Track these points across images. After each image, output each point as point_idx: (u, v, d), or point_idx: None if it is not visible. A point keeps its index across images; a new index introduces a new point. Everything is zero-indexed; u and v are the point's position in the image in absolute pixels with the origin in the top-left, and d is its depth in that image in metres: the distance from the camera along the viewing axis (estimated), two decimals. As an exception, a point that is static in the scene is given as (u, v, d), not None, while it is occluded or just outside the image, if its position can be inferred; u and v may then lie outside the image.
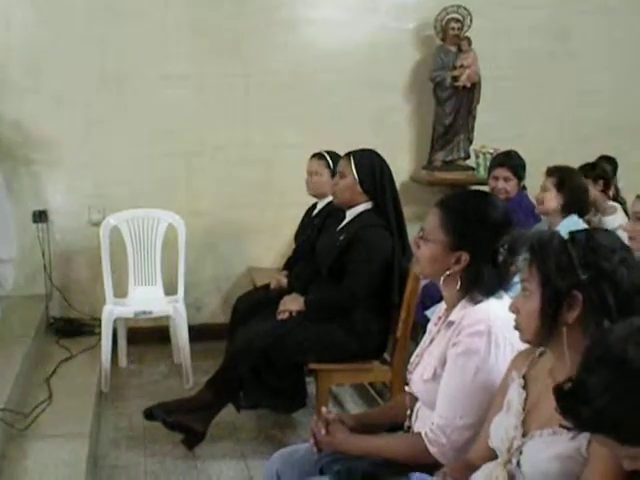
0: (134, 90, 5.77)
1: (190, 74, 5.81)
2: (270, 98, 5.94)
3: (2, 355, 4.62)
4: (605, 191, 5.39)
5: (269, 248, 6.06)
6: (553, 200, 4.55)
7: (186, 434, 4.27)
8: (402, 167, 6.05)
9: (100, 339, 5.22)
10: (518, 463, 2.09)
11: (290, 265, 5.11)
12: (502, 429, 2.17)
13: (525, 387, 2.19)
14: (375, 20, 6.04)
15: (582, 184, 4.66)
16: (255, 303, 4.81)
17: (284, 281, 4.86)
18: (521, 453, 2.08)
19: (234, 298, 5.22)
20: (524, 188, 5.22)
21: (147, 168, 5.81)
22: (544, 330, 2.07)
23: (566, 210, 4.53)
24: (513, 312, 2.16)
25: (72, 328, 5.69)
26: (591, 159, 5.54)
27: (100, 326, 5.24)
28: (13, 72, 5.62)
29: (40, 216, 5.71)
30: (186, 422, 4.21)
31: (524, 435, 2.11)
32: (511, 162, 5.22)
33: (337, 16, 5.99)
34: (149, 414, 4.27)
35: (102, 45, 5.70)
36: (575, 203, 4.56)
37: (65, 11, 5.63)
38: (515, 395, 2.19)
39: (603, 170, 5.39)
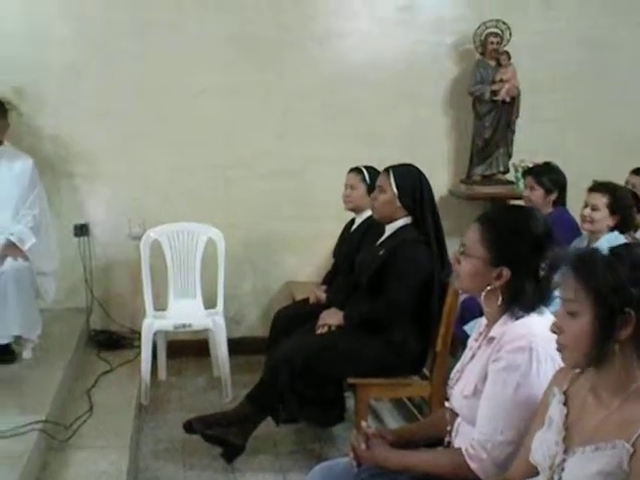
0: (172, 103, 5.81)
1: (226, 87, 5.83)
2: (306, 110, 5.96)
3: (44, 367, 4.69)
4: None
5: (308, 262, 6.07)
6: (606, 220, 4.50)
7: (225, 447, 4.28)
8: (441, 181, 6.04)
9: (140, 352, 5.26)
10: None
11: (329, 279, 5.12)
12: (544, 446, 2.15)
13: (566, 403, 2.18)
14: (412, 34, 6.04)
15: (632, 202, 4.61)
16: (294, 317, 4.82)
17: (323, 295, 4.87)
18: (563, 470, 2.07)
19: (273, 312, 5.24)
20: (563, 204, 5.19)
21: (186, 181, 5.86)
22: (596, 350, 2.04)
23: (617, 229, 4.50)
24: (556, 333, 2.14)
25: (112, 341, 5.74)
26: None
27: (140, 339, 5.28)
28: (53, 87, 5.70)
29: (81, 230, 5.79)
30: (225, 435, 4.23)
31: (566, 452, 2.09)
32: (537, 172, 5.21)
33: (373, 29, 5.99)
34: (188, 427, 4.30)
35: (139, 59, 5.75)
36: (627, 223, 4.53)
37: (103, 26, 5.71)
38: (556, 411, 2.17)
39: (633, 185, 5.32)
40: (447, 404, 2.75)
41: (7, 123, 5.10)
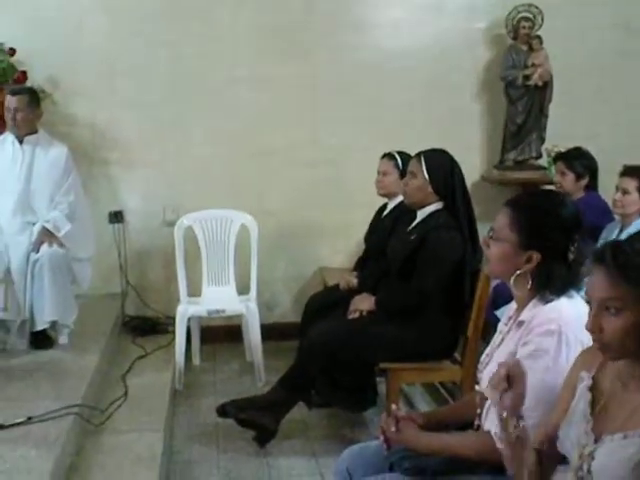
0: (205, 92, 5.86)
1: (259, 75, 5.85)
2: (339, 99, 5.97)
3: (79, 352, 4.75)
4: None
5: (340, 248, 6.09)
6: (637, 204, 4.49)
7: (258, 431, 4.33)
8: (473, 166, 6.02)
9: (174, 337, 5.31)
10: (589, 469, 2.08)
11: (361, 265, 5.13)
12: (571, 435, 2.15)
13: (592, 389, 2.17)
14: (443, 20, 6.02)
15: None
16: (326, 303, 4.85)
17: (354, 281, 4.89)
18: (593, 459, 2.07)
19: (305, 297, 5.28)
20: (594, 188, 5.17)
21: (219, 168, 5.89)
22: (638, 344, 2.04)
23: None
24: (593, 332, 2.10)
25: (147, 326, 5.80)
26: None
27: (174, 324, 5.34)
28: (87, 76, 5.75)
29: (116, 217, 5.87)
30: (258, 419, 4.27)
31: (595, 441, 2.09)
32: (567, 156, 5.18)
33: (406, 17, 5.98)
34: (222, 411, 4.34)
35: (174, 47, 5.79)
36: None
37: (136, 15, 5.75)
38: (583, 397, 2.17)
39: None
40: (477, 387, 2.76)
41: (41, 111, 5.14)
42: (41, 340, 4.81)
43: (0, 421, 3.64)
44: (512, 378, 2.24)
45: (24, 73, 5.55)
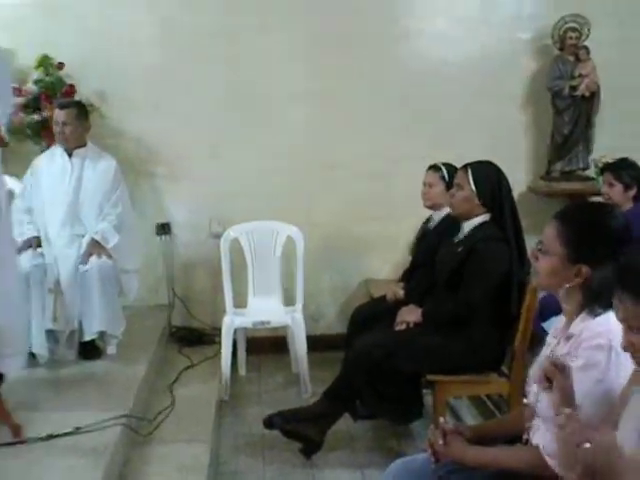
0: (254, 105, 5.89)
1: (309, 90, 5.87)
2: (388, 111, 5.97)
3: (127, 363, 4.81)
4: None
5: (386, 260, 6.09)
6: None
7: (304, 443, 4.33)
8: (520, 178, 5.98)
9: (220, 348, 5.34)
10: None
11: (407, 277, 5.12)
12: (626, 445, 2.13)
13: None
14: (489, 30, 6.00)
15: None
16: (372, 314, 4.84)
17: (401, 293, 4.87)
18: None
19: (351, 309, 5.27)
20: None
21: (266, 181, 5.92)
22: None
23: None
24: (626, 350, 2.11)
25: (193, 337, 5.84)
26: None
27: (220, 336, 5.37)
28: (138, 90, 5.81)
29: (163, 228, 5.92)
30: (304, 431, 4.28)
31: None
32: (615, 167, 5.13)
33: (453, 27, 5.97)
34: (268, 422, 4.36)
35: (225, 62, 5.84)
36: None
37: (188, 28, 5.81)
38: (637, 409, 2.15)
39: None
40: (525, 401, 2.74)
41: (89, 125, 5.22)
42: (89, 351, 4.86)
43: (49, 431, 3.68)
44: (554, 373, 2.25)
45: (72, 87, 5.62)
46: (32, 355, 4.65)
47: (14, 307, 4.01)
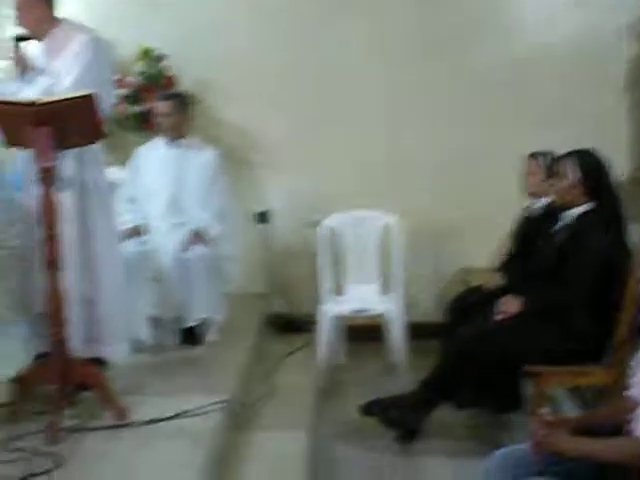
0: (352, 93, 5.92)
1: (406, 77, 5.88)
2: (485, 99, 5.92)
3: (227, 349, 4.90)
4: None
5: (483, 248, 5.99)
6: None
7: (401, 430, 4.34)
8: (621, 165, 5.85)
9: (317, 336, 5.38)
10: None
11: (505, 266, 5.06)
12: None
13: None
14: (589, 14, 5.88)
15: None
16: (469, 303, 4.81)
17: (499, 282, 4.83)
18: None
19: (448, 297, 5.25)
20: None
21: (363, 169, 5.94)
22: None
23: None
24: None
25: (291, 324, 5.92)
26: None
27: (317, 323, 5.41)
28: (236, 79, 5.90)
29: (262, 217, 5.99)
30: (402, 419, 4.28)
31: None
32: None
33: (549, 12, 5.88)
34: (366, 410, 4.38)
35: (321, 47, 5.89)
36: None
37: (286, 17, 5.88)
38: None
39: None
40: (627, 393, 2.69)
41: (190, 116, 5.32)
42: (191, 337, 4.97)
43: (153, 415, 3.76)
44: None
45: (173, 78, 5.73)
46: (136, 341, 4.77)
47: (116, 296, 4.15)
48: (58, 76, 3.96)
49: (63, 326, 3.64)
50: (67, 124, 3.52)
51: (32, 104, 3.53)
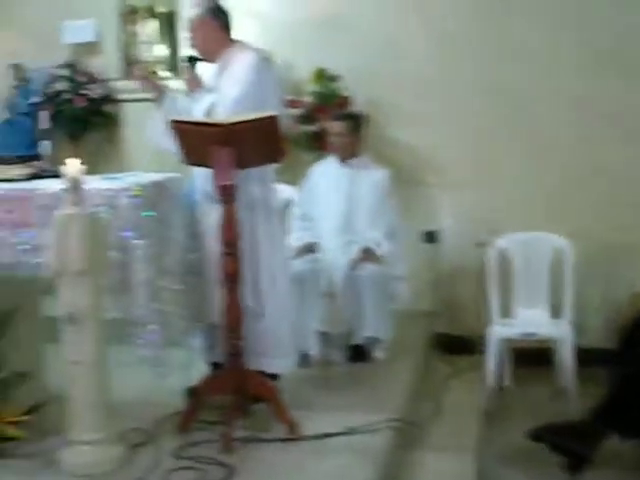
0: (523, 112, 5.87)
1: (578, 95, 5.77)
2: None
3: (394, 368, 4.94)
4: None
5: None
6: None
7: (570, 458, 4.24)
8: None
9: (484, 358, 5.34)
10: None
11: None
12: None
13: None
14: None
15: None
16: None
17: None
18: None
19: (620, 323, 5.12)
20: None
21: (534, 190, 5.87)
22: None
23: None
24: None
25: (457, 345, 5.88)
26: None
27: (484, 345, 5.37)
28: (408, 99, 5.97)
29: (431, 236, 6.01)
30: (571, 446, 4.18)
31: None
32: None
33: None
34: (534, 435, 4.30)
35: (495, 65, 5.88)
36: None
37: (452, 36, 5.93)
38: None
39: None
40: None
41: (363, 136, 5.41)
42: (359, 354, 5.04)
43: (321, 430, 3.83)
44: None
45: (347, 98, 5.84)
46: (305, 355, 4.88)
47: (284, 310, 4.25)
48: (222, 94, 4.12)
49: (240, 339, 3.77)
50: (250, 144, 3.65)
51: (216, 124, 3.68)
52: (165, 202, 3.93)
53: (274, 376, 4.24)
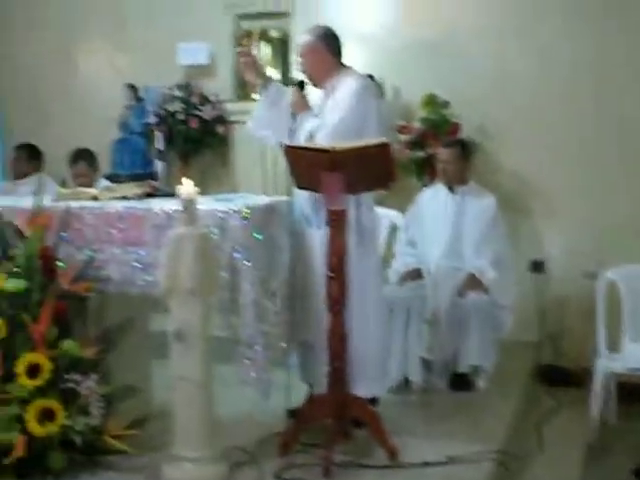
0: (635, 141, 5.77)
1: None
2: None
3: (496, 398, 4.91)
4: None
5: None
6: None
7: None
8: None
9: (589, 391, 5.23)
10: None
11: None
12: None
13: None
14: None
15: None
16: None
17: None
18: None
19: None
20: None
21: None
22: None
23: None
24: None
25: (562, 377, 5.77)
26: None
27: (589, 378, 5.25)
28: (515, 126, 5.97)
29: (537, 266, 5.93)
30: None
31: None
32: None
33: None
34: (637, 473, 4.21)
35: (604, 96, 5.81)
36: None
37: (565, 61, 5.87)
38: None
39: None
40: None
41: (472, 163, 5.41)
42: (461, 382, 5.01)
43: (421, 458, 3.81)
44: None
45: (457, 125, 5.82)
46: (406, 381, 4.87)
47: (373, 332, 4.23)
48: (324, 119, 4.18)
49: (343, 363, 3.78)
50: (361, 170, 3.69)
51: (325, 150, 3.72)
52: (273, 224, 3.99)
53: (373, 401, 4.24)
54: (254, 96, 5.74)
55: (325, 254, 3.81)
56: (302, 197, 4.16)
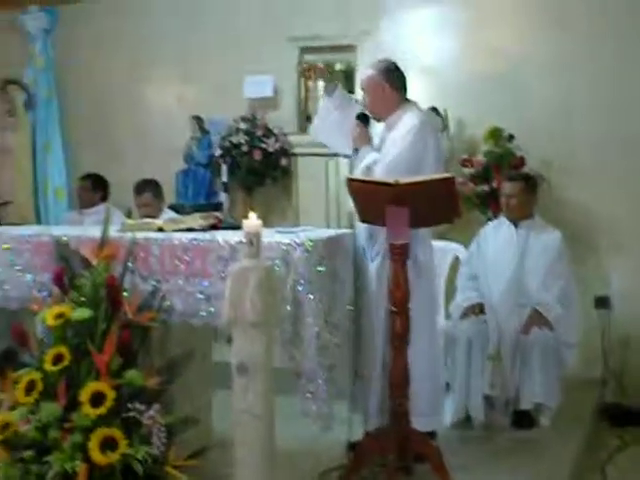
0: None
1: None
2: None
3: (559, 436, 4.80)
4: None
5: None
6: None
7: None
8: None
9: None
10: None
11: None
12: None
13: None
14: None
15: None
16: None
17: None
18: None
19: None
20: None
21: None
22: None
23: None
24: None
25: (627, 416, 5.65)
26: None
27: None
28: (580, 157, 5.95)
29: (602, 302, 5.85)
30: None
31: None
32: None
33: None
34: None
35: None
36: None
37: (623, 98, 5.87)
38: None
39: None
40: None
41: (536, 198, 5.35)
42: (524, 420, 4.92)
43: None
44: None
45: (522, 159, 5.79)
46: (468, 417, 4.82)
47: (427, 368, 4.18)
48: (383, 153, 4.20)
49: (406, 398, 3.76)
50: (426, 204, 3.69)
51: (391, 184, 3.72)
52: (336, 257, 3.98)
53: (431, 435, 4.20)
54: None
55: (384, 287, 3.81)
56: (359, 229, 4.17)
